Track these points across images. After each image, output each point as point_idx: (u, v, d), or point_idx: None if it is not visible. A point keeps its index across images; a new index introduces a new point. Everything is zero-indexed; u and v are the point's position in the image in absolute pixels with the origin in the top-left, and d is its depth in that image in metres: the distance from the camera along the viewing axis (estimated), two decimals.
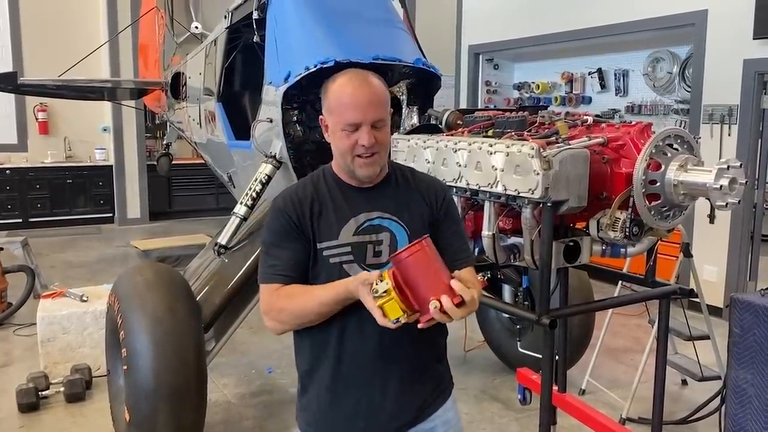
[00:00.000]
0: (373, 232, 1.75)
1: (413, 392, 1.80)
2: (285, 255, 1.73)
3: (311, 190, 1.79)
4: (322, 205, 1.75)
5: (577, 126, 2.52)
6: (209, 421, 3.33)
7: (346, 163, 1.73)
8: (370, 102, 1.68)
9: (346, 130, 1.68)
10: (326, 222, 1.74)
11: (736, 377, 2.74)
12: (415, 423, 1.82)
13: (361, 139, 1.67)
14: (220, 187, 9.78)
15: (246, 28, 4.23)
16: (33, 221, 9.66)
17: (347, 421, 1.78)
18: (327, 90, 1.74)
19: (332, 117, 1.72)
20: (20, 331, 5.28)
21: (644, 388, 3.78)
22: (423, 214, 1.79)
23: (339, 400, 1.77)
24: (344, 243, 1.73)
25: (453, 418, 1.92)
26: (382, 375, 1.75)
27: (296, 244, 1.73)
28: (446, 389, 1.92)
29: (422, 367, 1.82)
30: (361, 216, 1.75)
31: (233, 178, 4.96)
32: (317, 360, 1.78)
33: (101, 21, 9.78)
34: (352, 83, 1.70)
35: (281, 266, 1.72)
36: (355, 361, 1.74)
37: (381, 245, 1.74)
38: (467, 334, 4.88)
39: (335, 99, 1.71)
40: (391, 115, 1.79)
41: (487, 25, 8.30)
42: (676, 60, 6.79)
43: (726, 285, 5.72)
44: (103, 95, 8.30)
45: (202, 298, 3.45)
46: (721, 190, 2.17)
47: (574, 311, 3.55)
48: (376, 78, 1.75)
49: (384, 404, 1.76)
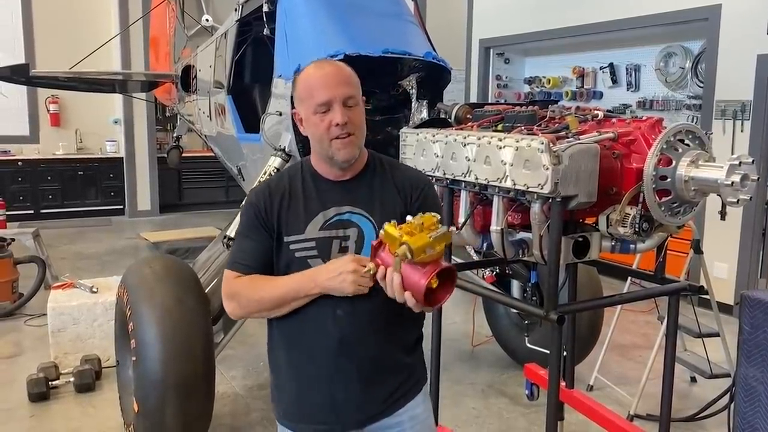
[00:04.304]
0: (340, 227, 1.75)
1: (377, 385, 1.80)
2: (248, 246, 1.78)
3: (286, 182, 1.81)
4: (292, 199, 1.78)
5: (587, 121, 2.50)
6: (217, 412, 3.35)
7: (323, 150, 1.74)
8: (337, 80, 1.70)
9: (318, 112, 1.69)
10: (294, 215, 1.76)
11: (746, 375, 2.71)
12: (381, 416, 1.82)
13: (334, 117, 1.68)
14: (230, 180, 9.84)
15: (256, 21, 4.23)
16: (44, 213, 9.74)
17: (313, 414, 1.81)
18: (295, 82, 1.78)
19: (303, 105, 1.74)
20: (31, 321, 5.33)
21: (652, 385, 3.77)
22: (396, 209, 1.76)
23: (304, 393, 1.80)
24: (310, 238, 1.74)
25: (422, 413, 1.89)
26: (343, 370, 1.75)
27: (260, 236, 1.76)
28: (416, 384, 1.89)
29: (386, 361, 1.80)
30: (330, 210, 1.75)
31: (243, 170, 4.97)
32: (285, 353, 1.82)
33: (112, 13, 9.82)
34: (317, 67, 1.75)
35: (243, 256, 1.77)
36: (317, 356, 1.76)
37: (348, 241, 1.74)
38: (475, 330, 4.88)
39: (304, 86, 1.74)
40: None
41: (498, 19, 8.25)
42: (689, 55, 6.73)
43: (736, 282, 5.69)
44: (114, 88, 8.33)
45: (210, 291, 3.46)
46: (733, 187, 2.14)
47: (583, 307, 3.54)
48: (342, 63, 1.78)
49: (348, 397, 1.77)
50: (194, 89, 5.87)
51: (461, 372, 4.51)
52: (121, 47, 9.51)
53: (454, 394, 4.14)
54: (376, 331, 1.74)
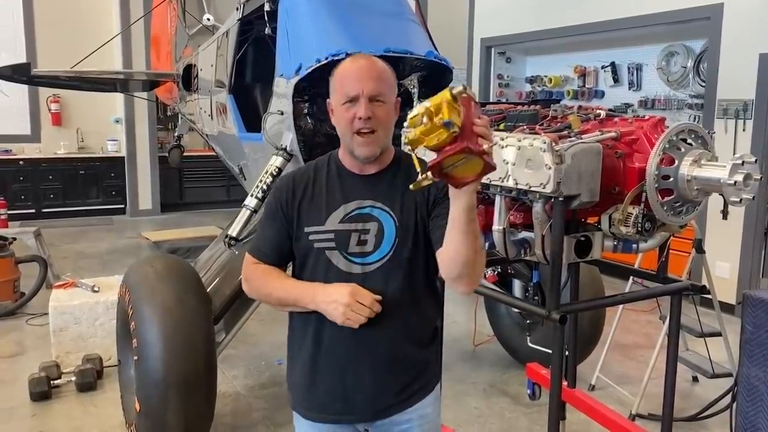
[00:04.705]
0: (360, 221, 1.76)
1: (390, 378, 1.81)
2: (268, 234, 1.85)
3: (311, 173, 1.85)
4: (315, 189, 1.81)
5: (589, 120, 2.50)
6: (218, 411, 3.35)
7: (346, 143, 1.76)
8: (369, 75, 1.71)
9: (345, 104, 1.71)
10: (316, 206, 1.79)
11: (748, 374, 2.71)
12: (392, 411, 1.83)
13: (358, 111, 1.69)
14: (231, 179, 9.81)
15: (258, 20, 4.22)
16: (46, 212, 9.74)
17: (325, 404, 1.83)
18: (333, 74, 1.79)
19: (335, 95, 1.76)
20: (33, 320, 5.33)
21: (654, 384, 3.77)
22: (417, 205, 1.77)
23: (317, 382, 1.82)
24: (329, 230, 1.76)
25: (431, 413, 1.91)
26: (356, 360, 1.78)
27: (279, 226, 1.82)
28: (429, 383, 1.90)
29: (400, 353, 1.81)
30: (352, 204, 1.77)
31: (244, 170, 4.97)
32: (301, 342, 1.84)
33: (114, 12, 9.81)
34: (355, 60, 1.77)
35: (263, 243, 1.86)
36: (331, 346, 1.79)
37: (367, 234, 1.76)
38: (476, 329, 4.87)
39: (339, 77, 1.76)
40: (399, 106, 1.80)
41: (500, 17, 8.24)
42: (691, 54, 6.71)
43: (738, 281, 5.67)
44: (115, 87, 8.34)
45: (212, 290, 3.46)
46: (736, 186, 2.14)
47: (585, 307, 3.54)
48: (383, 62, 1.78)
49: (358, 388, 1.79)
50: (195, 88, 5.87)
51: (463, 371, 4.50)
52: (123, 46, 9.50)
53: (455, 393, 4.13)
54: (390, 323, 1.75)
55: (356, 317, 1.66)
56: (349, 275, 1.74)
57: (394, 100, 1.78)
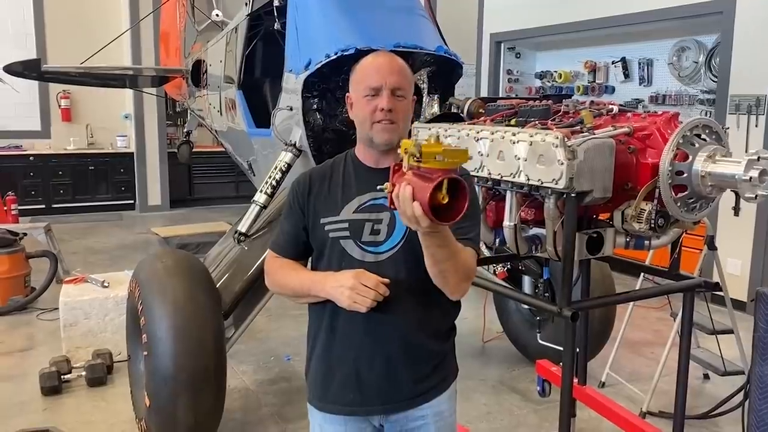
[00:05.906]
0: (374, 211, 1.80)
1: (404, 370, 1.81)
2: (286, 228, 1.91)
3: (328, 168, 1.91)
4: (332, 183, 1.86)
5: (602, 115, 2.47)
6: (228, 407, 3.35)
7: (364, 132, 1.79)
8: (391, 69, 1.77)
9: (367, 95, 1.75)
10: (332, 199, 1.84)
11: (761, 372, 2.68)
12: (406, 406, 1.83)
13: (380, 102, 1.74)
14: (240, 175, 9.78)
15: (267, 15, 4.22)
16: (56, 207, 9.80)
17: (338, 396, 1.84)
18: (354, 69, 1.84)
19: (355, 88, 1.80)
20: (43, 315, 5.37)
21: (665, 381, 3.75)
22: None
23: (332, 372, 1.85)
24: (343, 219, 1.80)
25: (446, 410, 1.91)
26: (370, 348, 1.79)
27: (296, 220, 1.88)
28: (444, 380, 1.90)
29: (414, 345, 1.81)
30: (366, 195, 1.81)
31: (253, 166, 4.97)
32: (317, 332, 1.88)
33: (123, 9, 9.84)
34: (375, 55, 1.83)
35: (283, 238, 1.92)
36: (345, 334, 1.81)
37: (380, 224, 1.79)
38: (486, 325, 4.86)
39: (360, 70, 1.81)
40: (413, 103, 1.83)
41: (509, 13, 8.20)
42: (703, 49, 6.66)
43: (750, 278, 5.63)
44: (124, 83, 8.36)
45: (221, 286, 3.46)
46: (751, 182, 2.11)
47: (597, 304, 3.51)
48: (399, 58, 1.83)
49: (372, 377, 1.80)
50: (205, 84, 5.87)
51: (472, 368, 4.49)
52: (132, 42, 9.53)
53: (464, 389, 4.12)
54: (405, 313, 1.77)
55: (362, 299, 1.67)
56: (363, 264, 1.76)
57: (412, 97, 1.82)
